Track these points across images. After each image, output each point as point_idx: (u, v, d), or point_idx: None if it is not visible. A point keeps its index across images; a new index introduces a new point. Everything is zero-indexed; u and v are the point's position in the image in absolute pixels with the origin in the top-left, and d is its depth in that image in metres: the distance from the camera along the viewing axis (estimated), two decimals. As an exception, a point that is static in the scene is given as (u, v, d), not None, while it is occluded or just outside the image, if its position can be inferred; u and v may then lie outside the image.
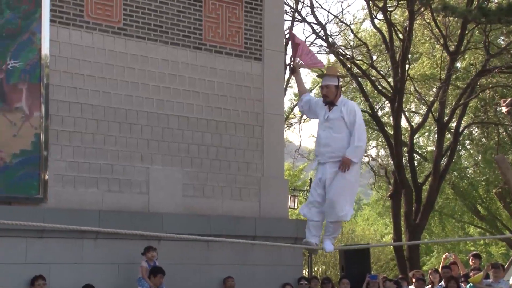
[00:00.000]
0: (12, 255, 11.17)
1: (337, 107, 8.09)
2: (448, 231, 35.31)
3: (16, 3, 11.60)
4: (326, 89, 8.14)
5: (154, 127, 12.87)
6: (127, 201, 12.47)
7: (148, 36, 12.92)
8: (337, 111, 8.08)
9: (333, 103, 8.12)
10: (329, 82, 8.16)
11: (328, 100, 8.14)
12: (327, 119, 8.11)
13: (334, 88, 8.15)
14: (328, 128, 8.10)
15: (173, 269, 12.31)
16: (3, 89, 11.41)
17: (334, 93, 8.15)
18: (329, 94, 8.13)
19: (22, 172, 11.45)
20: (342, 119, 8.02)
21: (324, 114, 8.17)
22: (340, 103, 8.12)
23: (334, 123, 8.06)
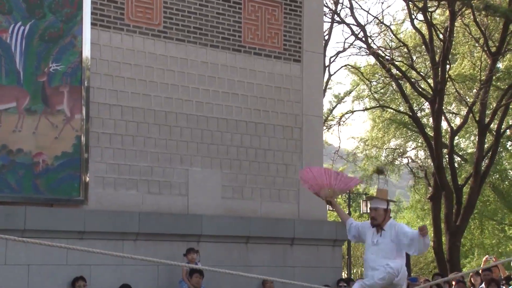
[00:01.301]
0: (53, 256, 11.27)
1: (386, 231, 8.05)
2: (487, 233, 35.00)
3: (58, 7, 11.70)
4: (375, 212, 8.16)
5: (194, 129, 12.91)
6: (167, 203, 12.52)
7: (187, 39, 12.97)
8: (386, 235, 8.03)
9: (380, 226, 8.10)
10: (379, 205, 8.17)
11: (375, 223, 8.13)
12: (376, 243, 8.07)
13: (383, 212, 8.14)
14: (377, 252, 8.04)
15: (212, 270, 12.34)
16: (45, 92, 11.51)
17: (383, 216, 8.13)
18: (377, 217, 8.13)
19: (63, 174, 11.54)
20: (392, 243, 7.98)
21: (372, 237, 8.14)
22: (388, 227, 8.08)
23: (384, 248, 8.00)
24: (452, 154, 27.11)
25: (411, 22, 26.70)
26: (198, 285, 11.86)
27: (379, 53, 27.33)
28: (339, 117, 30.85)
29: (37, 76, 11.47)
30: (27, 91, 11.37)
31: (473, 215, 28.09)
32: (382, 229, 8.08)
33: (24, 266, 11.07)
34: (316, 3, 14.56)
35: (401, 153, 32.38)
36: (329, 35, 26.86)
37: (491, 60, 25.07)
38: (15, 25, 11.34)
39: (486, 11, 19.76)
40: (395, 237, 7.98)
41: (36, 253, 11.13)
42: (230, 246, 12.98)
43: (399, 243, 7.97)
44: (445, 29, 25.38)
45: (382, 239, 8.04)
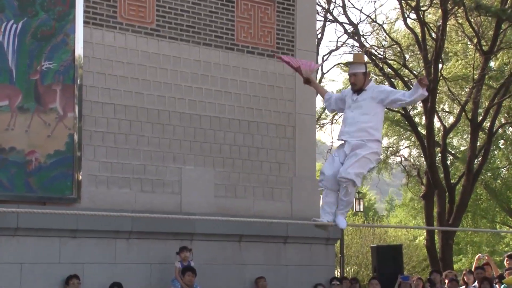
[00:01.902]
0: (46, 255, 11.26)
1: (366, 91, 7.97)
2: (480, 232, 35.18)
3: (50, 5, 11.68)
4: (354, 77, 8.04)
5: (187, 128, 12.90)
6: (160, 201, 12.51)
7: (180, 37, 12.95)
8: (366, 93, 7.95)
9: (361, 89, 8.01)
10: (357, 69, 8.05)
11: (356, 88, 8.02)
12: (356, 100, 7.97)
13: (362, 75, 8.02)
14: (356, 109, 7.95)
15: (205, 269, 12.34)
16: (37, 90, 11.49)
17: (362, 80, 8.01)
18: (357, 82, 8.01)
19: (56, 172, 11.53)
20: (373, 99, 7.90)
21: (352, 96, 8.04)
22: (369, 88, 8.00)
23: (363, 103, 7.92)
24: (445, 153, 27.16)
25: (403, 21, 26.73)
26: (190, 283, 11.86)
27: (372, 52, 27.36)
28: (332, 115, 30.87)
29: (30, 74, 11.44)
30: (19, 89, 11.35)
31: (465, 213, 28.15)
32: (363, 89, 7.99)
33: (16, 265, 11.05)
34: (309, 2, 14.56)
35: (394, 152, 32.43)
36: (322, 33, 26.86)
37: (484, 59, 25.13)
38: (7, 23, 11.31)
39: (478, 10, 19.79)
40: (376, 94, 7.91)
41: (28, 251, 11.12)
42: (223, 244, 12.98)
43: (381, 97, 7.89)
44: (437, 28, 25.41)
45: (361, 96, 7.95)
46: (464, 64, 28.20)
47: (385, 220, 47.09)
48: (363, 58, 8.46)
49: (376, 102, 7.91)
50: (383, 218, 48.44)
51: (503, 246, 37.03)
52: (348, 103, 8.08)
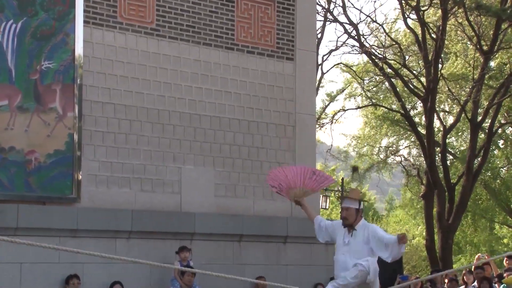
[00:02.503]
0: (45, 255, 11.24)
1: (357, 232, 7.96)
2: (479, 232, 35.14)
3: (50, 5, 11.67)
4: (346, 212, 8.06)
5: (187, 127, 12.89)
6: (160, 201, 12.50)
7: (180, 37, 12.94)
8: (358, 236, 7.95)
9: (352, 226, 8.01)
10: (350, 205, 8.08)
11: (347, 223, 8.03)
12: (348, 243, 8.00)
13: (355, 211, 8.04)
14: (348, 253, 7.97)
15: (205, 268, 12.32)
16: (37, 90, 11.48)
17: (354, 216, 8.04)
18: (348, 217, 8.03)
19: (56, 172, 11.52)
20: (364, 244, 7.90)
21: (344, 238, 8.06)
22: (360, 228, 8.00)
23: (353, 248, 7.93)
24: (445, 153, 27.16)
25: (404, 21, 26.73)
26: (190, 283, 11.86)
27: (372, 52, 27.36)
28: (332, 115, 30.88)
29: (29, 74, 11.43)
30: (19, 89, 11.34)
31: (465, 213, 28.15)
32: (353, 229, 7.99)
33: (16, 265, 11.04)
34: (308, 2, 14.55)
35: (393, 151, 32.43)
36: (322, 33, 26.89)
37: (484, 58, 25.13)
38: (6, 23, 11.30)
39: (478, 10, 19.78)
40: (367, 239, 7.89)
41: (28, 251, 11.10)
42: (223, 244, 12.98)
43: (372, 246, 7.88)
44: (437, 28, 25.40)
45: (353, 239, 7.96)
46: (464, 63, 28.20)
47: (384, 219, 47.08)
48: (359, 195, 8.42)
49: (367, 246, 7.92)
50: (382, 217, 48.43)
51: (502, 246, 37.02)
52: (339, 243, 8.11)
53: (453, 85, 28.24)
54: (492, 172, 31.86)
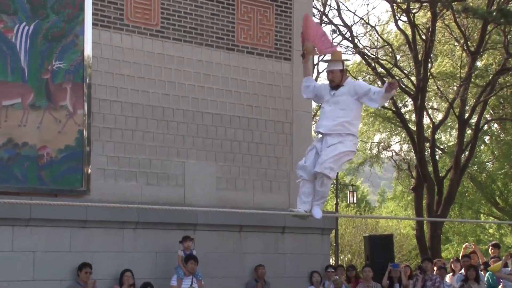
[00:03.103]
0: (57, 244, 11.28)
1: (344, 86, 7.89)
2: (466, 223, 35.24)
3: (60, 8, 11.67)
4: (332, 74, 7.96)
5: (190, 124, 12.90)
6: (164, 193, 12.52)
7: (184, 38, 12.95)
8: (344, 88, 7.86)
9: (339, 86, 7.93)
10: (334, 67, 7.96)
11: (334, 84, 7.94)
12: (334, 95, 7.89)
13: (339, 73, 7.94)
14: (334, 104, 7.86)
15: (207, 257, 12.36)
16: (49, 89, 11.49)
17: (340, 77, 7.94)
18: (335, 79, 7.94)
19: (67, 166, 11.54)
20: (350, 95, 7.81)
21: (330, 92, 7.95)
22: (346, 83, 7.93)
23: (340, 99, 7.83)
24: (434, 148, 27.18)
25: (395, 23, 26.73)
26: (193, 271, 11.88)
27: (365, 52, 27.36)
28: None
29: (41, 74, 11.44)
30: (31, 88, 11.35)
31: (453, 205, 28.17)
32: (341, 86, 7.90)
33: (29, 253, 11.07)
34: (305, 5, 14.55)
35: (385, 147, 32.45)
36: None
37: (470, 58, 25.14)
38: (19, 25, 11.31)
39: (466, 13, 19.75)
40: (353, 91, 7.80)
41: (41, 240, 11.14)
42: (224, 234, 13.00)
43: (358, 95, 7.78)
44: (427, 29, 25.44)
45: (339, 92, 7.86)
46: (452, 63, 28.21)
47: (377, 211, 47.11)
48: (341, 56, 8.31)
49: (352, 97, 7.82)
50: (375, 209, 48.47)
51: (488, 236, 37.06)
52: (326, 97, 7.99)
53: (442, 84, 28.26)
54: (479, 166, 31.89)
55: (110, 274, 11.54)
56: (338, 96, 7.86)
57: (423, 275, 13.52)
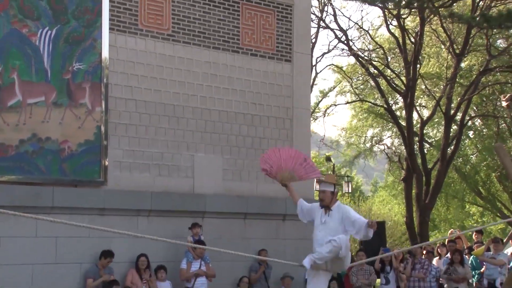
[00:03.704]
0: (77, 230, 11.27)
1: (333, 212, 7.90)
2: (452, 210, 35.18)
3: (80, 14, 11.67)
4: (323, 194, 7.97)
5: (198, 120, 12.90)
6: (175, 184, 12.53)
7: (193, 41, 12.94)
8: (333, 215, 7.88)
9: (328, 207, 7.94)
10: (326, 188, 7.98)
11: (324, 204, 7.96)
12: (324, 222, 7.92)
13: (330, 194, 7.96)
14: (324, 230, 7.88)
15: (214, 242, 12.37)
16: (69, 88, 11.50)
17: (330, 198, 7.96)
18: (325, 199, 7.95)
19: (86, 159, 11.55)
20: (338, 223, 7.82)
21: (321, 217, 7.98)
22: (335, 208, 7.94)
23: (331, 226, 7.85)
24: (422, 142, 27.15)
25: (386, 27, 26.67)
26: (201, 254, 11.91)
27: (359, 54, 27.33)
28: (324, 109, 30.87)
29: (63, 74, 11.45)
30: (54, 87, 11.36)
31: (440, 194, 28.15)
32: (329, 209, 7.93)
33: (52, 238, 11.09)
34: (304, 11, 14.54)
35: (378, 141, 32.42)
36: (316, 38, 26.83)
37: (456, 60, 25.08)
38: (43, 29, 11.31)
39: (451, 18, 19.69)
40: (341, 219, 7.83)
41: (62, 227, 11.12)
42: (230, 221, 13.01)
43: (345, 225, 7.81)
44: (416, 33, 25.39)
45: (329, 218, 7.89)
46: (439, 64, 28.16)
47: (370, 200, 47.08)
48: (334, 179, 8.32)
49: (341, 225, 7.83)
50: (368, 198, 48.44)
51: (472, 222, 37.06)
52: (317, 222, 8.02)
53: (429, 83, 28.22)
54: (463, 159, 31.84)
55: (126, 258, 11.56)
56: (329, 223, 7.89)
57: (412, 259, 13.53)
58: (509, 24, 17.14)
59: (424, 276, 13.23)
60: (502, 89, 26.84)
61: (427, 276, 13.25)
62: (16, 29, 11.10)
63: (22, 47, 11.11)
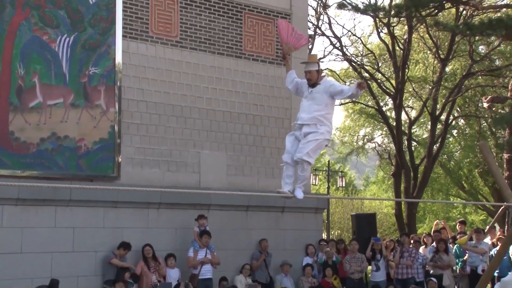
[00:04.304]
0: (93, 221, 11.31)
1: (320, 85, 7.74)
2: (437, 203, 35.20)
3: (95, 22, 11.68)
4: (309, 74, 7.79)
5: (204, 120, 12.90)
6: (183, 179, 12.53)
7: (199, 48, 12.94)
8: (319, 87, 7.72)
9: (316, 84, 7.79)
10: (311, 68, 7.79)
11: (311, 83, 7.79)
12: (311, 92, 7.75)
13: (316, 73, 7.78)
14: (311, 100, 7.73)
15: (219, 232, 12.38)
16: (86, 90, 11.51)
17: (316, 76, 7.77)
18: (312, 78, 7.77)
19: (101, 156, 11.56)
20: (324, 93, 7.66)
21: (308, 89, 7.82)
22: (322, 82, 7.78)
23: (316, 96, 7.70)
24: (410, 140, 27.12)
25: (377, 35, 26.66)
26: (207, 244, 11.90)
27: (352, 59, 27.31)
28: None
29: (80, 78, 11.46)
30: (71, 90, 11.37)
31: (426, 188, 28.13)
32: (317, 84, 7.77)
33: (70, 229, 11.10)
34: (301, 19, 14.53)
35: (369, 139, 32.39)
36: (312, 44, 26.83)
37: (441, 64, 25.07)
38: (61, 37, 11.32)
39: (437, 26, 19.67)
40: (327, 88, 7.67)
41: (79, 218, 11.17)
42: (233, 213, 13.01)
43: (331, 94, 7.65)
44: (404, 40, 25.37)
45: (315, 89, 7.73)
46: (425, 68, 28.14)
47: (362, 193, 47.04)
48: (317, 58, 8.23)
49: (327, 95, 7.68)
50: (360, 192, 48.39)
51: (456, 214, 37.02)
52: (305, 93, 7.87)
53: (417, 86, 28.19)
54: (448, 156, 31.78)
55: (137, 247, 11.56)
56: (315, 93, 7.72)
57: (401, 247, 13.52)
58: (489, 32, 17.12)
59: (412, 263, 13.22)
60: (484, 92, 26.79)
61: (414, 264, 13.24)
62: (37, 36, 11.11)
63: (42, 53, 11.12)
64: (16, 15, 10.95)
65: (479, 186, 32.24)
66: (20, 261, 10.58)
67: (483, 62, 25.99)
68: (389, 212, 36.36)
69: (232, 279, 12.33)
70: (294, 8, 14.26)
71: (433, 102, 25.51)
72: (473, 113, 28.55)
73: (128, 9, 12.07)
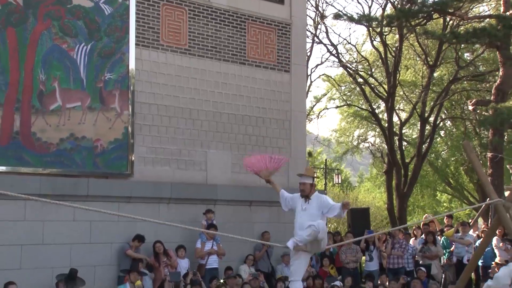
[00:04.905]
0: (108, 215, 11.28)
1: (312, 200, 7.81)
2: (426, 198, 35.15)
3: (111, 32, 11.68)
4: (303, 186, 7.87)
5: (211, 122, 12.90)
6: (191, 176, 12.53)
7: (206, 55, 12.94)
8: (312, 203, 7.78)
9: (308, 197, 7.85)
10: (306, 181, 7.89)
11: (304, 194, 7.86)
12: (305, 209, 7.81)
13: (309, 185, 7.88)
14: (305, 216, 7.76)
15: (225, 225, 12.37)
16: (102, 95, 11.51)
17: (309, 189, 7.86)
18: (305, 189, 7.85)
19: (115, 155, 11.56)
20: (317, 209, 7.72)
21: (302, 205, 7.86)
22: (314, 197, 7.85)
23: (310, 212, 7.75)
24: (401, 140, 27.12)
25: (370, 43, 26.66)
26: (213, 236, 11.88)
27: (347, 65, 27.30)
28: (318, 112, 30.84)
29: (96, 83, 11.46)
30: (88, 94, 11.37)
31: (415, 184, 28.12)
32: (309, 198, 7.85)
33: (87, 222, 11.11)
34: (301, 28, 14.52)
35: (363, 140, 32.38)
36: (311, 52, 26.82)
37: (429, 70, 25.07)
38: (79, 45, 11.33)
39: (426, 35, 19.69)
40: (319, 206, 7.74)
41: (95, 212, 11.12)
42: (237, 208, 13.01)
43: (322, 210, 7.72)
44: (395, 47, 25.37)
45: (309, 206, 7.79)
46: (415, 74, 28.12)
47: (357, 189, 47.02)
48: (312, 172, 8.23)
49: (319, 211, 7.73)
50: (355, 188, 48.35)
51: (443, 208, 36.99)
52: (298, 209, 7.89)
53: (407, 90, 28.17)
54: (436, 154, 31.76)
55: (149, 239, 11.56)
56: (310, 209, 7.77)
57: (392, 239, 13.51)
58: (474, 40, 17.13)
59: (402, 254, 13.21)
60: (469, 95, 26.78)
61: (404, 254, 13.23)
62: (57, 44, 11.11)
63: (62, 60, 11.13)
64: (38, 25, 10.96)
65: (464, 182, 32.22)
66: (41, 252, 10.59)
67: (468, 68, 25.99)
68: (382, 207, 36.36)
69: (236, 268, 12.33)
70: (294, 18, 14.25)
71: (422, 105, 25.51)
72: (459, 115, 28.54)
73: (140, 20, 12.07)
